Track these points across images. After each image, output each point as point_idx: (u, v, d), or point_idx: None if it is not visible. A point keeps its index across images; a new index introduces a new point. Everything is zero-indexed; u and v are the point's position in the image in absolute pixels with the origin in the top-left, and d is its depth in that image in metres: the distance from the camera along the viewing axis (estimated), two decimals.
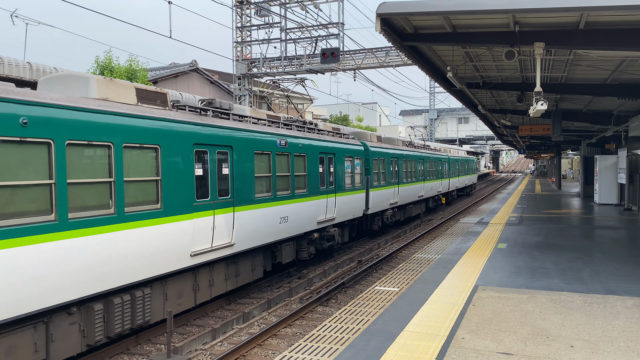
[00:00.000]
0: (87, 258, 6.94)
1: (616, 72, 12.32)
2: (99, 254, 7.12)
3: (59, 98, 6.78)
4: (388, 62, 26.45)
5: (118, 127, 7.50)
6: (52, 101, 6.59)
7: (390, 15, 8.27)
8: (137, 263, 7.77)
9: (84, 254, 6.91)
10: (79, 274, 6.83)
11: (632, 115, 18.84)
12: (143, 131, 7.95)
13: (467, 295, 7.65)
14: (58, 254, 6.54)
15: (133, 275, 7.71)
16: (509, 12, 7.72)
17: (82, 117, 6.96)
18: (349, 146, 16.37)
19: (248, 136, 10.69)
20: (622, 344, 5.62)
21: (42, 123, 6.41)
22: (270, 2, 26.75)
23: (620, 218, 17.94)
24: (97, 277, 7.11)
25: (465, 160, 41.76)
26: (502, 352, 5.41)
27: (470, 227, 16.26)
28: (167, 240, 8.36)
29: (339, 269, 14.74)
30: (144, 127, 7.99)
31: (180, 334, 9.27)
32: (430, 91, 74.72)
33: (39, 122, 6.36)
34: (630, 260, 10.30)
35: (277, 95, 37.96)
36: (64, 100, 6.79)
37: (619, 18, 8.12)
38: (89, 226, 6.98)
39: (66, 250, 6.65)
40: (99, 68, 22.89)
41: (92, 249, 7.03)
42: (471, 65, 12.48)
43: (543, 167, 77.89)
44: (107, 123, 7.33)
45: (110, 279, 7.33)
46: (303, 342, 6.34)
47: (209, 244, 9.40)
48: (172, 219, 8.48)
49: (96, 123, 7.16)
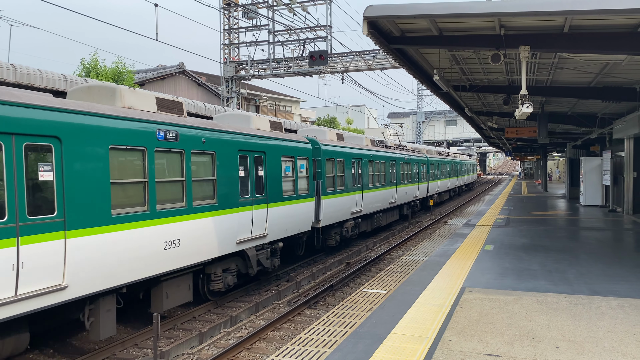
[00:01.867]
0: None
1: (600, 75, 12.48)
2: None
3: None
4: (376, 64, 26.57)
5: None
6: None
7: (377, 18, 8.30)
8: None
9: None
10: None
11: (616, 118, 19.11)
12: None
13: (454, 297, 7.68)
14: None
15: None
16: (494, 15, 7.80)
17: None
18: (288, 143, 13.04)
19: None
20: (607, 345, 5.68)
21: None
22: (258, 5, 26.74)
23: (605, 219, 18.16)
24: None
25: (450, 163, 39.29)
26: (489, 354, 5.43)
27: (457, 229, 16.35)
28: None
29: (328, 271, 14.73)
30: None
31: (167, 338, 9.20)
32: (417, 94, 75.07)
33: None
34: (615, 261, 10.42)
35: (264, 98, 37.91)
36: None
37: (602, 22, 8.23)
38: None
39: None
40: (84, 70, 22.68)
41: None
42: (458, 68, 12.56)
43: (530, 169, 78.62)
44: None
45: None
46: (291, 346, 6.32)
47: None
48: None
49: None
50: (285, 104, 42.04)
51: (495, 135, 33.10)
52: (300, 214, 13.51)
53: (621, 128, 18.32)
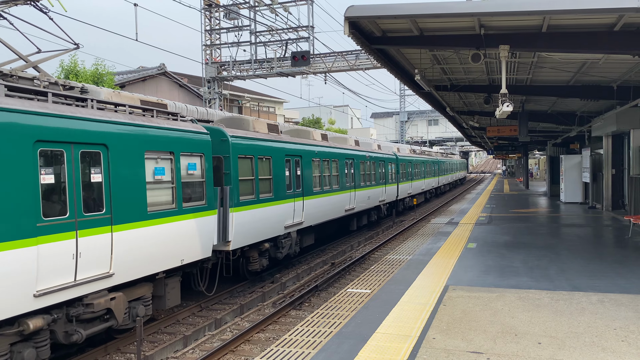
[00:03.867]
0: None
1: (578, 74, 12.68)
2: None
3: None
4: (358, 65, 26.64)
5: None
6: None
7: (358, 18, 8.32)
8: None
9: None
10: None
11: (595, 116, 19.42)
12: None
13: (437, 296, 7.73)
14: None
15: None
16: (474, 15, 7.87)
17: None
18: (158, 132, 8.88)
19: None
20: (588, 340, 5.76)
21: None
22: (240, 5, 26.64)
23: (585, 216, 18.44)
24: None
25: (427, 162, 35.93)
26: (472, 351, 5.48)
27: (440, 227, 16.47)
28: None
29: (313, 272, 14.73)
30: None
31: (151, 342, 9.11)
32: (400, 94, 75.49)
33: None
34: (594, 257, 10.58)
35: (247, 99, 37.76)
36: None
37: (580, 22, 8.36)
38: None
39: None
40: (63, 72, 22.37)
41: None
42: (439, 67, 12.65)
43: (511, 167, 79.56)
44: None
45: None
46: (275, 347, 6.30)
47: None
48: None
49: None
50: (269, 105, 41.93)
51: (477, 134, 33.43)
52: (185, 235, 9.35)
53: (600, 126, 18.63)
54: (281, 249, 13.47)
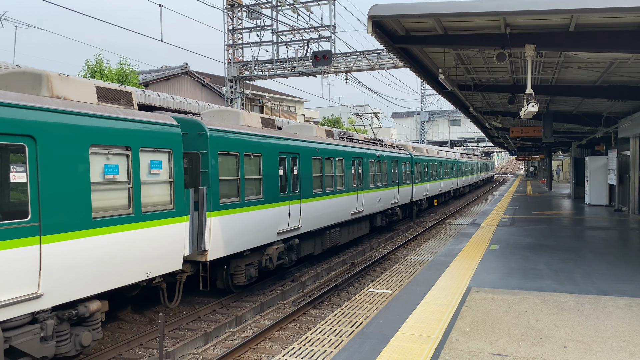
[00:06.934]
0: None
1: (606, 74, 12.43)
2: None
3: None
4: (380, 64, 26.53)
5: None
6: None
7: (382, 17, 8.29)
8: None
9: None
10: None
11: (622, 117, 19.01)
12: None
13: (460, 297, 7.66)
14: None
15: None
16: (499, 14, 7.77)
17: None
18: (109, 123, 7.51)
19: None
20: (615, 344, 5.65)
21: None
22: (262, 5, 26.75)
23: (610, 219, 18.08)
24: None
25: (445, 162, 34.28)
26: (496, 354, 5.41)
27: (462, 228, 16.32)
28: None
29: (332, 271, 14.73)
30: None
31: (173, 338, 9.21)
32: (421, 93, 75.06)
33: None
34: (621, 260, 10.37)
35: (268, 98, 37.94)
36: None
37: (607, 20, 8.19)
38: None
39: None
40: (89, 71, 22.75)
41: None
42: (462, 67, 12.53)
43: (534, 168, 78.39)
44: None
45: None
46: (297, 346, 6.32)
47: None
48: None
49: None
50: (289, 104, 42.07)
51: (499, 135, 33.01)
52: (146, 246, 8.09)
53: (627, 127, 18.24)
54: (271, 258, 11.80)
